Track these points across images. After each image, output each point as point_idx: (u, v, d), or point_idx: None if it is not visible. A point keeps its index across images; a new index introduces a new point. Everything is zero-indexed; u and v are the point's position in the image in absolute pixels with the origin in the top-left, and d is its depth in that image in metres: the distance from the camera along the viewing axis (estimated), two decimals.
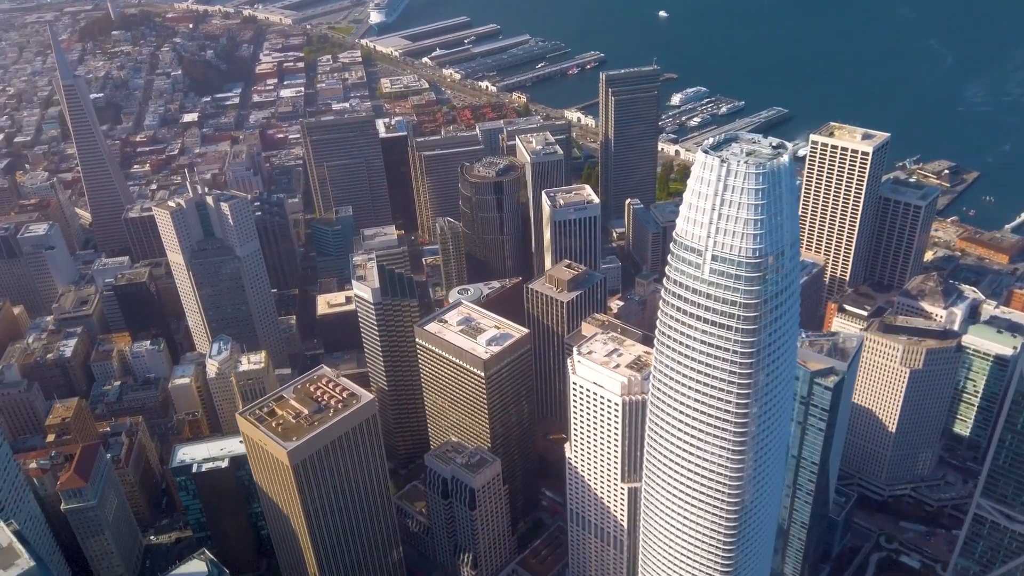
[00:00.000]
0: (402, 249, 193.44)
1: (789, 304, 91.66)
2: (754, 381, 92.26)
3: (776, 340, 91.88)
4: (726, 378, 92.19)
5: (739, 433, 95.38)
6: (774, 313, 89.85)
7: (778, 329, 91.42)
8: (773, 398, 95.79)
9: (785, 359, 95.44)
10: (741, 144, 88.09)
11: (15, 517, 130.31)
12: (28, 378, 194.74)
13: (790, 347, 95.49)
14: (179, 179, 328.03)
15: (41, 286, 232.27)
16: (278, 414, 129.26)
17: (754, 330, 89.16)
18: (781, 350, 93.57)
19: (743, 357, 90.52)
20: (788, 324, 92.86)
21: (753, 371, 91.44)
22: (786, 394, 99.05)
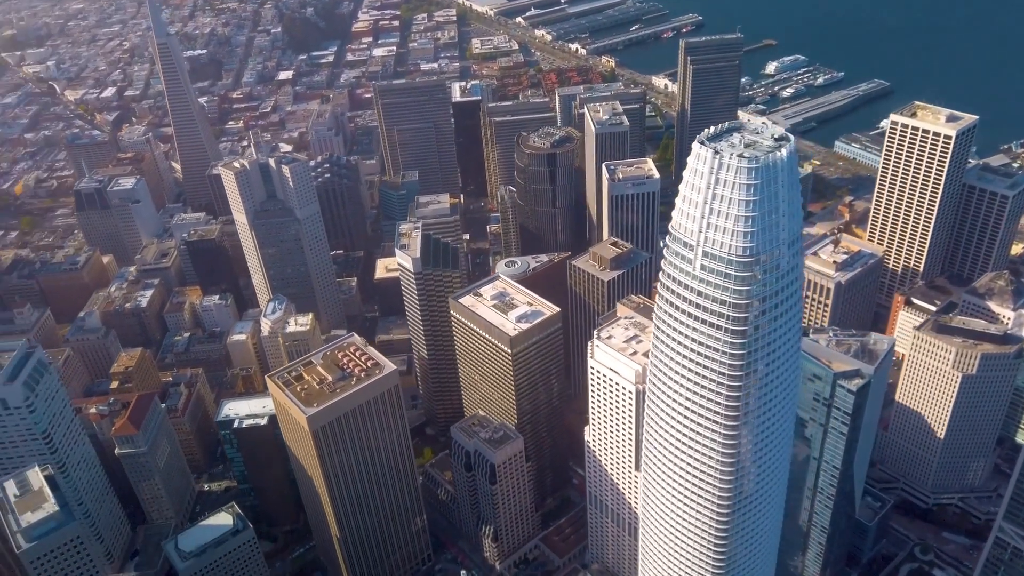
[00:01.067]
0: (454, 218, 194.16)
1: (788, 305, 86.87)
2: (744, 383, 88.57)
3: (772, 342, 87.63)
4: (715, 378, 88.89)
5: (728, 435, 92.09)
6: (769, 314, 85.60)
7: (774, 331, 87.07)
8: (770, 400, 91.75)
9: (784, 361, 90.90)
10: (742, 135, 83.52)
11: (69, 459, 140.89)
12: (107, 325, 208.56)
13: (790, 349, 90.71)
14: (268, 137, 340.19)
15: (128, 237, 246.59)
16: (305, 379, 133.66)
17: (744, 331, 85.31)
18: (779, 352, 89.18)
19: (733, 358, 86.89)
20: (787, 326, 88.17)
21: (743, 372, 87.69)
22: (786, 396, 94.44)
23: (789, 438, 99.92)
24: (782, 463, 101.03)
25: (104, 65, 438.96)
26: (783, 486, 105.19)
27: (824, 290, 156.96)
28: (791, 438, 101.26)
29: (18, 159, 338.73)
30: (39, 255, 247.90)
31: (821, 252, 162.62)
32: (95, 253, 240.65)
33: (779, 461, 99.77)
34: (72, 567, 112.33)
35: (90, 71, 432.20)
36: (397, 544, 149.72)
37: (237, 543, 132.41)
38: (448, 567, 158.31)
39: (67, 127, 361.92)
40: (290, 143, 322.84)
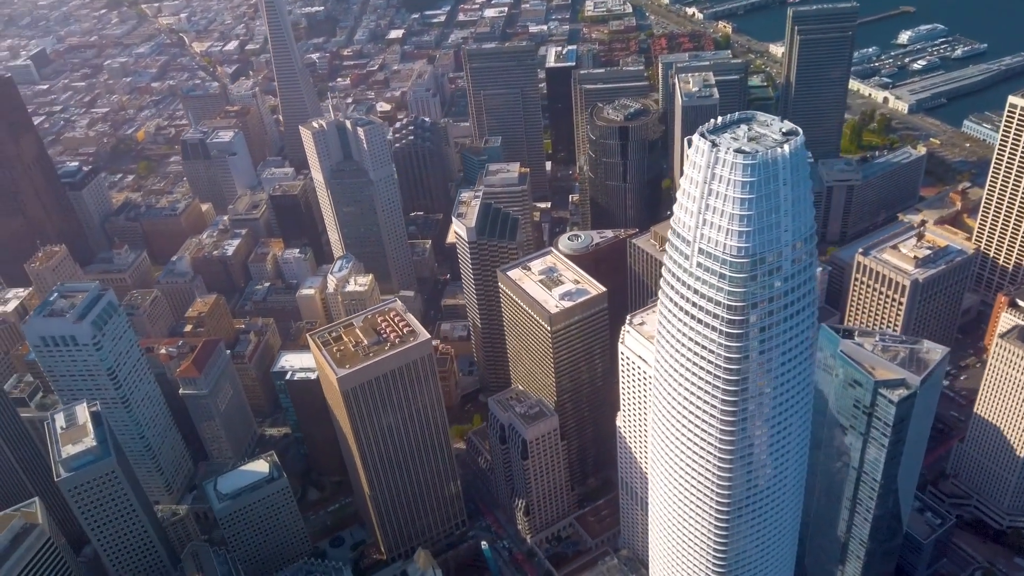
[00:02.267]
0: (521, 188, 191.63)
1: (795, 309, 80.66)
2: (740, 387, 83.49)
3: (775, 347, 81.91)
4: (710, 380, 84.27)
5: (725, 438, 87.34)
6: (770, 318, 79.92)
7: (776, 336, 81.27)
8: (774, 406, 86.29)
9: (793, 368, 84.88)
10: (750, 127, 77.76)
11: (133, 395, 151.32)
12: (196, 270, 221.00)
13: (799, 355, 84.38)
14: (372, 95, 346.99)
15: (225, 188, 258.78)
16: (343, 340, 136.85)
17: (740, 335, 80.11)
18: (785, 358, 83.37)
19: (729, 361, 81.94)
20: (793, 331, 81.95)
21: (739, 377, 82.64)
22: (795, 403, 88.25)
23: (802, 443, 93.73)
24: (793, 468, 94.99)
25: (230, 19, 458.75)
26: (796, 492, 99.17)
27: (899, 287, 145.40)
28: (805, 443, 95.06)
29: (143, 106, 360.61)
30: (146, 200, 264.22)
31: (902, 246, 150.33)
32: (194, 201, 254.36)
33: (789, 466, 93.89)
34: (107, 500, 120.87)
35: (217, 24, 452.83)
36: (429, 507, 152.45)
37: (271, 491, 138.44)
38: (480, 535, 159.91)
39: (190, 78, 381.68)
40: (391, 102, 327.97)
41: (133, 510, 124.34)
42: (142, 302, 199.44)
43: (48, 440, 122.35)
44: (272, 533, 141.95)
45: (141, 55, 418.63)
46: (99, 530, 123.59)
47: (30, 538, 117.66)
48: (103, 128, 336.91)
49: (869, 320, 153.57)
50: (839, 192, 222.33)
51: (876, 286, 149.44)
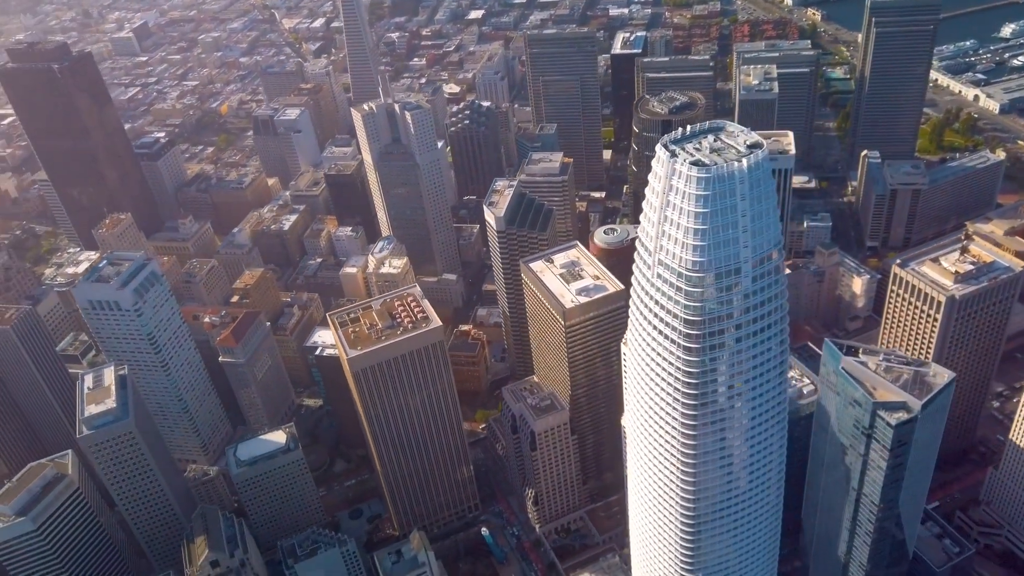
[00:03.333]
0: (561, 179, 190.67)
1: (758, 327, 78.98)
2: (700, 403, 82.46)
3: (738, 363, 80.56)
4: (671, 392, 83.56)
5: (687, 451, 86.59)
6: (730, 335, 78.56)
7: (739, 352, 79.79)
8: (740, 421, 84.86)
9: (760, 385, 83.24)
10: (716, 138, 76.18)
11: (172, 360, 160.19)
12: (255, 243, 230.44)
13: (767, 372, 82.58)
14: (446, 75, 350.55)
15: (291, 164, 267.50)
16: (360, 321, 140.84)
17: (698, 349, 79.08)
18: (750, 374, 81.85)
19: (688, 375, 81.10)
20: (758, 348, 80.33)
21: (699, 391, 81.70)
22: (766, 419, 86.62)
23: (772, 458, 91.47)
24: (764, 482, 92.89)
25: None
26: (768, 506, 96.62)
27: (934, 303, 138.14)
28: (777, 458, 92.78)
29: (230, 81, 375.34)
30: (218, 172, 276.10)
31: (944, 258, 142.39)
32: (261, 175, 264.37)
33: (759, 480, 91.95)
34: (125, 459, 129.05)
35: (307, 1, 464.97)
36: (441, 489, 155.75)
37: (286, 461, 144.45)
38: (491, 519, 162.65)
39: (276, 53, 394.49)
40: (462, 84, 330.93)
41: (150, 470, 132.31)
42: (199, 270, 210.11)
43: (76, 398, 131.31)
44: (287, 501, 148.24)
45: (234, 30, 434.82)
46: (117, 486, 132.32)
47: (59, 487, 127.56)
48: (191, 101, 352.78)
49: (904, 336, 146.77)
50: (903, 196, 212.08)
51: (912, 300, 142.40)
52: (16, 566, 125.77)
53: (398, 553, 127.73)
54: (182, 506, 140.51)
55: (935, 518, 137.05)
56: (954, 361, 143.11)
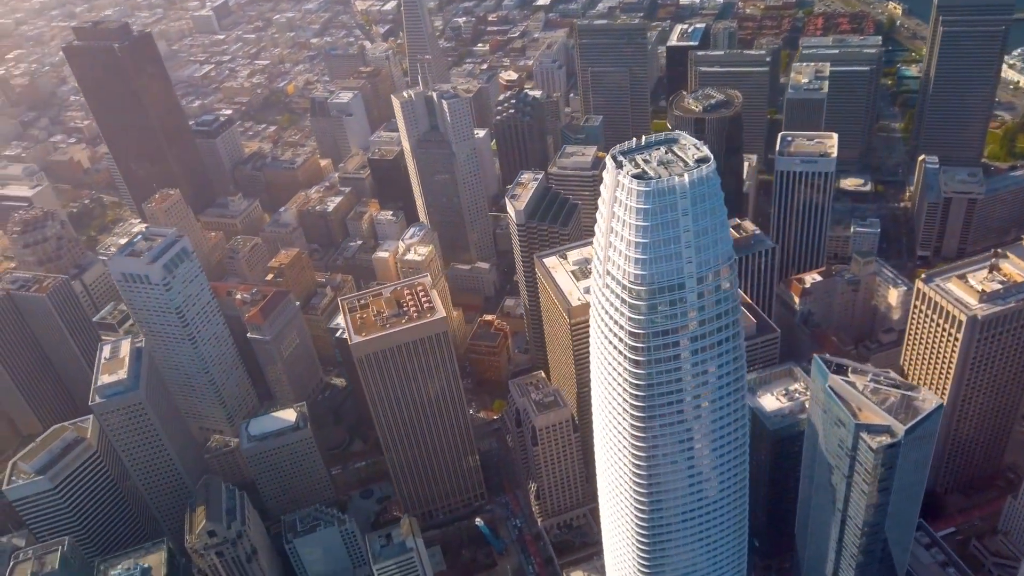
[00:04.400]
0: (592, 173, 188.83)
1: (708, 342, 77.76)
2: (647, 415, 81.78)
3: (687, 378, 79.47)
4: (620, 402, 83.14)
5: (638, 465, 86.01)
6: (676, 350, 77.49)
7: (688, 367, 78.74)
8: (694, 435, 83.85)
9: (714, 400, 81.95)
10: (668, 149, 74.90)
11: (200, 333, 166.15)
12: (300, 223, 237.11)
13: (721, 388, 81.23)
14: (508, 62, 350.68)
15: (343, 146, 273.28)
16: (369, 308, 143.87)
17: (643, 362, 78.39)
18: (700, 390, 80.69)
19: (633, 388, 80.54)
20: (707, 364, 79.10)
21: (646, 404, 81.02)
22: (725, 435, 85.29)
23: (729, 475, 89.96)
24: (721, 497, 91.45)
25: None
26: (731, 521, 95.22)
27: (956, 323, 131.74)
28: (735, 475, 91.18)
29: (299, 61, 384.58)
30: (273, 151, 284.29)
31: (972, 276, 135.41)
32: (314, 156, 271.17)
33: (715, 495, 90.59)
34: (134, 428, 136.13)
35: None
36: (446, 477, 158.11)
37: (294, 439, 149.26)
38: (496, 510, 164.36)
39: (347, 35, 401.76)
40: (524, 71, 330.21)
41: (158, 439, 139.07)
42: (243, 247, 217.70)
43: (94, 367, 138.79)
44: (295, 477, 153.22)
45: (309, 11, 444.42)
46: (127, 452, 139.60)
47: (77, 449, 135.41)
48: (259, 80, 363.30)
49: (926, 354, 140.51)
50: (958, 205, 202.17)
51: (934, 318, 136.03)
52: (35, 520, 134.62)
53: (388, 537, 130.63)
54: (193, 475, 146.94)
55: (941, 545, 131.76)
56: (978, 384, 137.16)
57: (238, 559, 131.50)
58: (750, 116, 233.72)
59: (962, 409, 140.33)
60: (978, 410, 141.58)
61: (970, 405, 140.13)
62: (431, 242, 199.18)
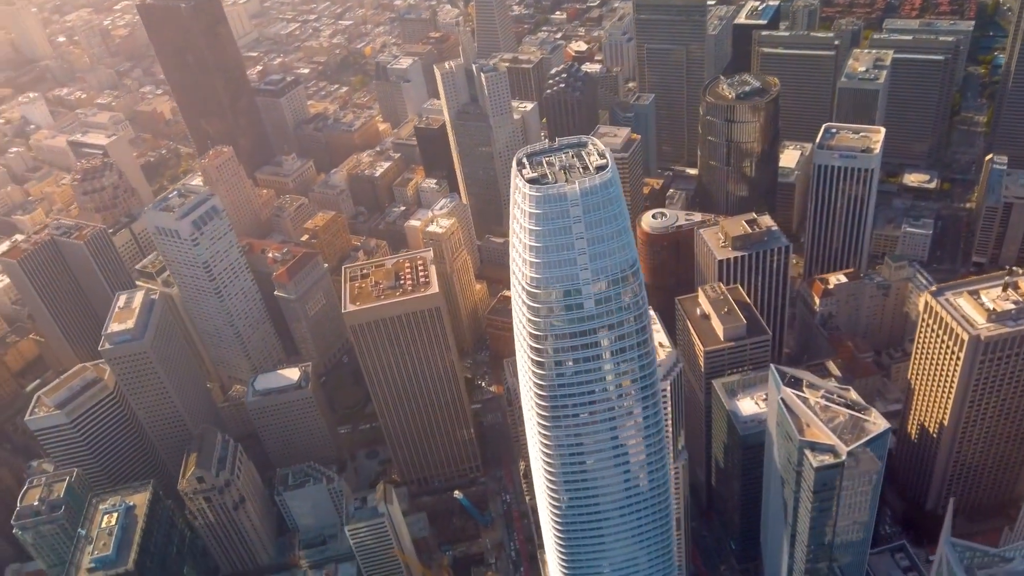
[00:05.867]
0: (622, 156, 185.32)
1: (610, 349, 77.37)
2: (552, 415, 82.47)
3: (588, 383, 79.54)
4: (529, 401, 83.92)
5: (547, 456, 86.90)
6: (575, 353, 77.90)
7: (588, 372, 78.70)
8: (599, 440, 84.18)
9: (618, 407, 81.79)
10: (576, 153, 74.33)
11: (226, 288, 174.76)
12: (349, 186, 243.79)
13: (629, 397, 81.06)
14: (583, 31, 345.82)
15: (401, 112, 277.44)
16: (369, 278, 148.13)
17: (543, 363, 79.05)
18: (601, 395, 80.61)
19: (537, 387, 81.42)
20: (610, 373, 78.91)
21: (550, 403, 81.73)
22: (633, 441, 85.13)
23: (640, 479, 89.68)
24: (634, 502, 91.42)
25: None
26: (647, 526, 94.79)
27: (958, 340, 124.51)
28: (649, 481, 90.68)
29: (381, 23, 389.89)
30: (336, 112, 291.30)
31: (984, 292, 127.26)
32: (372, 120, 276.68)
33: (627, 498, 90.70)
34: (139, 376, 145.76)
35: None
36: (441, 448, 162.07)
37: (295, 397, 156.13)
38: (489, 484, 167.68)
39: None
40: (593, 42, 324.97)
41: (163, 388, 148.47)
42: (289, 206, 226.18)
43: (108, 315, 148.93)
44: (296, 433, 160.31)
45: None
46: (134, 398, 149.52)
47: (94, 389, 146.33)
48: (340, 40, 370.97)
49: (930, 372, 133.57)
50: (1019, 210, 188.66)
51: (939, 334, 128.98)
52: (53, 449, 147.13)
53: (363, 500, 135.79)
54: (199, 424, 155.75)
55: (920, 571, 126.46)
56: (983, 408, 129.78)
57: (225, 506, 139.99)
58: (812, 103, 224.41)
59: (965, 432, 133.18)
60: (984, 434, 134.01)
61: (974, 428, 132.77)
62: (458, 214, 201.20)
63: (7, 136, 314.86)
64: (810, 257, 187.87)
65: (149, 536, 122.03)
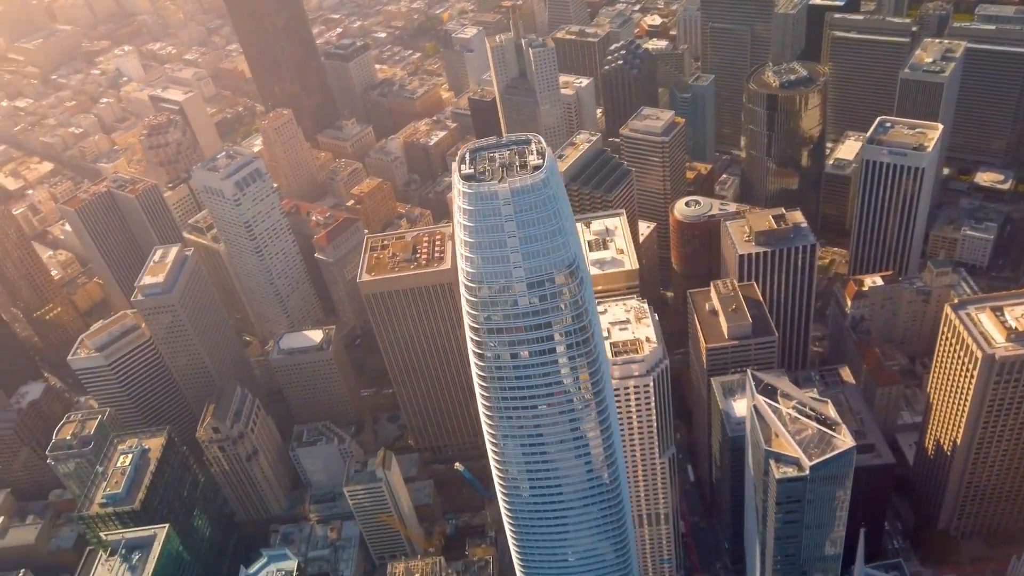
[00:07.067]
0: (662, 140, 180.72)
1: (546, 347, 78.42)
2: (494, 407, 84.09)
3: (528, 379, 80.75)
4: (476, 385, 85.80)
5: (493, 451, 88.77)
6: (513, 348, 79.19)
7: (527, 368, 79.85)
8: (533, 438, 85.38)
9: (561, 405, 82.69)
10: (518, 150, 74.63)
11: (266, 247, 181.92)
12: (405, 153, 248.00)
13: (573, 394, 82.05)
14: (662, 5, 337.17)
15: (464, 81, 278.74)
16: (388, 249, 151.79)
17: (483, 355, 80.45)
18: (543, 392, 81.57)
19: (479, 379, 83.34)
20: (548, 367, 79.66)
21: (490, 396, 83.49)
22: (575, 438, 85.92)
23: (583, 478, 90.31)
24: (580, 500, 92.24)
25: None
26: (598, 522, 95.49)
27: (973, 358, 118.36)
28: (603, 479, 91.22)
29: None
30: (402, 79, 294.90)
31: (1009, 309, 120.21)
32: (435, 88, 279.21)
33: (574, 496, 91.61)
34: (168, 326, 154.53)
35: None
36: (453, 417, 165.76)
37: (316, 358, 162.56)
38: None
39: None
40: (673, 15, 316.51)
41: (190, 340, 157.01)
42: (343, 170, 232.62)
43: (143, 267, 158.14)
44: (316, 392, 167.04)
45: None
46: (163, 347, 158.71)
47: (132, 335, 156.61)
48: (419, 5, 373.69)
49: (946, 388, 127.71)
50: None
51: (956, 349, 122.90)
52: (93, 388, 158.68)
53: (364, 464, 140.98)
54: (226, 376, 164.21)
55: None
56: (998, 429, 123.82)
57: (238, 456, 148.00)
58: (880, 93, 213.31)
59: (979, 453, 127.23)
60: (1001, 457, 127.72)
61: (989, 450, 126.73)
62: None
63: (101, 87, 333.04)
64: (855, 256, 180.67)
65: (159, 478, 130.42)
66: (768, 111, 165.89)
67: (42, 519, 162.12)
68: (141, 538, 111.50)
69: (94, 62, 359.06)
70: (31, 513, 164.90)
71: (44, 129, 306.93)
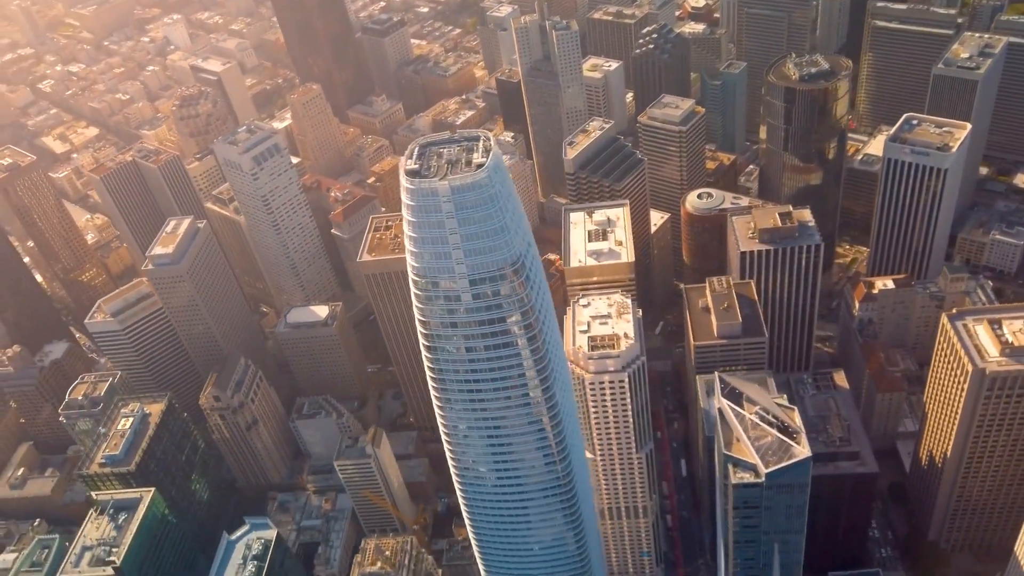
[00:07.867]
0: (679, 128, 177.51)
1: (492, 342, 79.38)
2: (445, 399, 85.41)
3: (473, 374, 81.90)
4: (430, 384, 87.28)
5: (448, 443, 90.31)
6: (460, 343, 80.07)
7: (473, 365, 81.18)
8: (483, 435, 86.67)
9: (516, 400, 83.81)
10: (466, 147, 75.08)
11: (283, 222, 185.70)
12: (433, 130, 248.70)
13: (510, 390, 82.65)
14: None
15: (499, 60, 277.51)
16: (391, 230, 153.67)
17: (431, 348, 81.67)
18: (493, 386, 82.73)
19: (430, 371, 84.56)
20: (495, 363, 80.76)
21: (440, 388, 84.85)
22: (519, 434, 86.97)
23: (532, 474, 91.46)
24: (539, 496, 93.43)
25: None
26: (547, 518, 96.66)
27: (964, 371, 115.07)
28: (556, 475, 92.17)
29: None
30: (439, 55, 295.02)
31: (1007, 322, 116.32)
32: (470, 66, 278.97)
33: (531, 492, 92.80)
34: (176, 294, 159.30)
35: None
36: None
37: (319, 333, 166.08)
38: None
39: None
40: None
41: (198, 310, 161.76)
42: (369, 147, 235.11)
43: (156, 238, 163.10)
44: (320, 366, 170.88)
45: None
46: (173, 316, 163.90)
47: (146, 302, 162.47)
48: None
49: (939, 399, 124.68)
50: None
51: (950, 361, 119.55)
52: (108, 351, 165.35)
53: (355, 440, 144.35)
54: (234, 346, 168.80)
55: None
56: (989, 444, 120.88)
57: (238, 425, 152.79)
58: (918, 87, 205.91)
59: (969, 467, 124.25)
60: (991, 472, 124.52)
61: (980, 464, 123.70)
62: (515, 172, 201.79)
63: (149, 54, 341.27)
64: (875, 256, 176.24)
65: (157, 442, 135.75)
66: (786, 104, 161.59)
67: (60, 473, 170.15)
68: (129, 499, 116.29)
69: (145, 29, 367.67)
70: (51, 466, 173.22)
71: (93, 94, 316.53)
